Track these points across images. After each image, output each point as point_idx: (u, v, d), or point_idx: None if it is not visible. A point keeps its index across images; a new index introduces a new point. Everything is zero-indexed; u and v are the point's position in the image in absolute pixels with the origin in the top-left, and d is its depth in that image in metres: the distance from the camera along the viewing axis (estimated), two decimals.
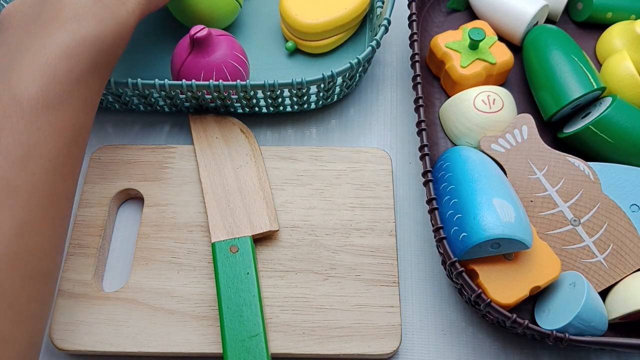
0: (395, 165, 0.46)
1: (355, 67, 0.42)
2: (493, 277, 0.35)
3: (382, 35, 0.44)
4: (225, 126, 0.45)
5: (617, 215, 0.39)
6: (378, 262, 0.40)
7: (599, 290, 0.37)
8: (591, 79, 0.41)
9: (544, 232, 0.39)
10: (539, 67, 0.44)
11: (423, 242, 0.42)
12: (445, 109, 0.44)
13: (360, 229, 0.41)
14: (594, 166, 0.40)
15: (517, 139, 0.41)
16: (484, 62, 0.44)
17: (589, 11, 0.48)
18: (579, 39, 0.48)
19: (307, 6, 0.47)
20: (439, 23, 0.50)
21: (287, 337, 0.37)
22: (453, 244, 0.35)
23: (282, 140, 0.47)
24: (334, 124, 0.48)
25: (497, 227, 0.34)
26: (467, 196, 0.36)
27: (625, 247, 0.38)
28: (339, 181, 0.43)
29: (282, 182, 0.43)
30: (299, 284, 0.39)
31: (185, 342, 0.37)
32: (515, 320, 0.33)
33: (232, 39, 0.45)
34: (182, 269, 0.39)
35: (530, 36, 0.46)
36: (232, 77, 0.43)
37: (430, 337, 0.39)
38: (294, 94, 0.44)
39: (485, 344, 0.39)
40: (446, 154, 0.41)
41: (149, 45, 0.51)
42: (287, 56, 0.50)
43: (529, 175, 0.40)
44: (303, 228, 0.41)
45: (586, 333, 0.34)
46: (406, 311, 0.40)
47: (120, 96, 0.44)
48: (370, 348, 0.37)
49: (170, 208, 0.41)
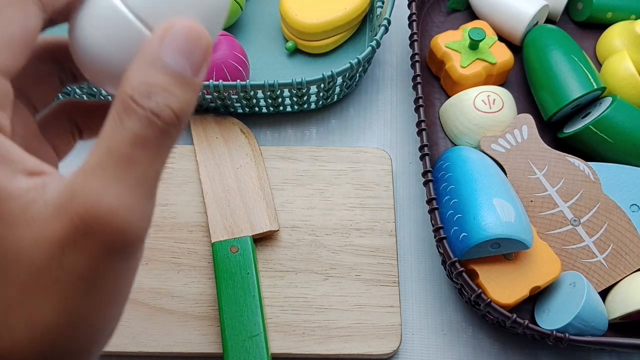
0: (395, 165, 0.46)
1: (355, 67, 0.42)
2: (493, 277, 0.35)
3: (382, 35, 0.44)
4: (225, 126, 0.45)
5: (617, 215, 0.39)
6: (378, 262, 0.40)
7: (599, 290, 0.37)
8: (591, 79, 0.41)
9: (544, 232, 0.39)
10: (539, 67, 0.44)
11: (423, 242, 0.42)
12: (445, 109, 0.44)
13: (360, 229, 0.41)
14: (594, 166, 0.40)
15: (517, 139, 0.41)
16: (484, 62, 0.44)
17: (589, 11, 0.48)
18: (579, 39, 0.48)
19: (307, 6, 0.47)
20: (439, 23, 0.50)
21: (287, 337, 0.37)
22: (453, 244, 0.35)
23: (282, 140, 0.47)
24: (334, 124, 0.48)
25: (497, 227, 0.34)
26: (467, 196, 0.36)
27: (625, 247, 0.38)
28: (339, 181, 0.43)
29: (282, 182, 0.43)
30: (299, 284, 0.39)
31: (185, 342, 0.37)
32: (515, 320, 0.33)
33: (232, 39, 0.45)
34: (182, 269, 0.39)
35: (530, 36, 0.46)
36: (232, 77, 0.43)
37: (430, 337, 0.39)
38: (294, 94, 0.44)
39: (485, 344, 0.39)
40: (446, 154, 0.41)
41: None
42: (287, 56, 0.50)
43: (529, 175, 0.40)
44: (303, 228, 0.41)
45: (586, 333, 0.34)
46: (406, 311, 0.40)
47: None
48: (370, 348, 0.37)
49: (170, 208, 0.41)
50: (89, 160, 0.19)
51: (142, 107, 0.19)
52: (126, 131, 0.19)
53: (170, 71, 0.20)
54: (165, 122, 0.20)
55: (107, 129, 0.19)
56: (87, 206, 0.18)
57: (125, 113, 0.19)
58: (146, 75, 0.19)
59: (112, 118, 0.19)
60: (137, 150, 0.19)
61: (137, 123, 0.19)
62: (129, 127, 0.19)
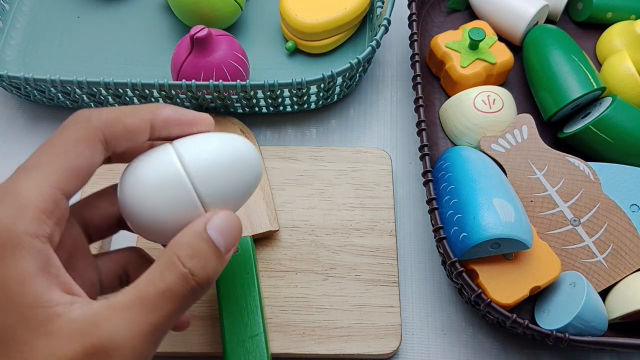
0: (395, 165, 0.46)
1: (355, 67, 0.42)
2: (493, 277, 0.35)
3: (382, 35, 0.44)
4: (226, 126, 0.45)
5: (617, 215, 0.39)
6: (378, 262, 0.40)
7: (599, 290, 0.37)
8: (591, 79, 0.41)
9: (544, 232, 0.39)
10: (539, 67, 0.44)
11: (423, 242, 0.42)
12: (445, 109, 0.44)
13: (360, 229, 0.41)
14: (594, 166, 0.40)
15: (517, 139, 0.41)
16: (484, 62, 0.44)
17: (589, 11, 0.48)
18: (579, 39, 0.48)
19: (307, 6, 0.47)
20: (439, 23, 0.50)
21: (287, 337, 0.37)
22: (453, 244, 0.35)
23: (282, 140, 0.47)
24: (334, 124, 0.48)
25: (497, 227, 0.34)
26: (467, 196, 0.36)
27: (625, 247, 0.38)
28: (339, 181, 0.43)
29: (282, 182, 0.43)
30: (299, 284, 0.39)
31: (185, 342, 0.37)
32: (515, 320, 0.33)
33: (232, 39, 0.45)
34: None
35: (530, 36, 0.46)
36: (232, 77, 0.43)
37: (430, 337, 0.39)
38: (294, 94, 0.44)
39: (485, 344, 0.39)
40: (446, 154, 0.41)
41: (149, 45, 0.51)
42: (287, 56, 0.50)
43: (529, 175, 0.40)
44: (303, 228, 0.41)
45: (586, 333, 0.34)
46: (406, 311, 0.40)
47: (120, 96, 0.44)
48: (370, 348, 0.37)
49: None
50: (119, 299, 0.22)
51: (184, 265, 0.23)
52: (163, 283, 0.23)
53: (211, 244, 0.25)
54: (197, 282, 0.24)
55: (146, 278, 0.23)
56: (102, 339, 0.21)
57: (168, 268, 0.23)
58: (193, 242, 0.24)
59: (154, 270, 0.23)
60: (164, 302, 0.23)
61: (175, 278, 0.23)
62: (166, 279, 0.23)
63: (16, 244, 0.21)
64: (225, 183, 0.26)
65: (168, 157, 0.26)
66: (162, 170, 0.26)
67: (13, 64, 0.49)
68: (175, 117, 0.27)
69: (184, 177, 0.25)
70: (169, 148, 0.26)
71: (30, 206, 0.22)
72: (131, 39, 0.51)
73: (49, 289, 0.22)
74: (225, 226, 0.26)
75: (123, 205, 0.26)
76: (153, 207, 0.26)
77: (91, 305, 0.22)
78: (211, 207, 0.26)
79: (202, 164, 0.26)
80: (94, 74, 0.49)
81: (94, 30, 0.52)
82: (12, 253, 0.21)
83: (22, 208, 0.22)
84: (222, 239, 0.25)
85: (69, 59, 0.50)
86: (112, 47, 0.50)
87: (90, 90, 0.43)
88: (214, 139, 0.27)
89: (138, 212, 0.26)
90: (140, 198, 0.26)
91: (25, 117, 0.48)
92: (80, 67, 0.49)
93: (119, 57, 0.50)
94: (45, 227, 0.22)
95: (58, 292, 0.22)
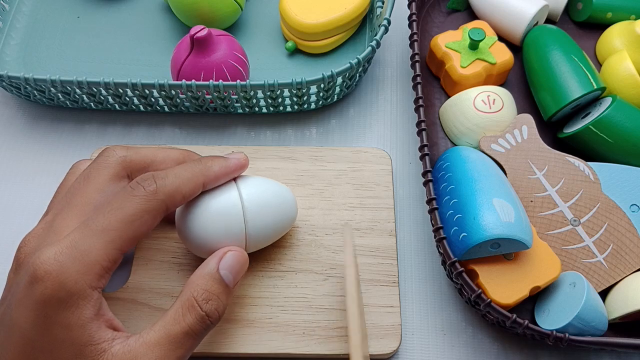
0: (395, 165, 0.46)
1: (355, 67, 0.42)
2: (493, 277, 0.35)
3: (382, 35, 0.44)
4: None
5: (617, 215, 0.39)
6: (378, 262, 0.40)
7: (599, 290, 0.37)
8: (591, 79, 0.41)
9: (544, 232, 0.39)
10: (539, 67, 0.44)
11: (423, 242, 0.42)
12: (445, 109, 0.44)
13: (360, 229, 0.41)
14: (594, 166, 0.40)
15: (517, 139, 0.41)
16: (484, 62, 0.44)
17: (589, 11, 0.48)
18: (579, 39, 0.48)
19: (307, 6, 0.47)
20: (439, 23, 0.50)
21: (287, 337, 0.37)
22: (453, 244, 0.35)
23: (282, 140, 0.47)
24: (334, 124, 0.48)
25: (497, 227, 0.34)
26: (467, 196, 0.36)
27: (625, 247, 0.38)
28: (339, 181, 0.43)
29: (282, 182, 0.43)
30: (299, 284, 0.39)
31: None
32: (515, 320, 0.33)
33: (232, 39, 0.45)
34: (182, 269, 0.39)
35: (530, 36, 0.46)
36: (232, 77, 0.43)
37: (430, 337, 0.39)
38: (294, 94, 0.44)
39: (485, 344, 0.39)
40: (446, 154, 0.41)
41: (149, 45, 0.51)
42: (287, 56, 0.50)
43: (529, 175, 0.40)
44: (303, 228, 0.41)
45: (586, 333, 0.34)
46: (406, 311, 0.40)
47: (120, 96, 0.44)
48: (370, 348, 0.37)
49: None
50: (151, 336, 0.28)
51: (201, 308, 0.29)
52: (185, 324, 0.29)
53: (222, 282, 0.31)
54: (211, 322, 0.30)
55: (171, 317, 0.29)
56: None
57: (189, 310, 0.29)
58: (207, 284, 0.30)
59: (177, 310, 0.29)
60: (187, 339, 0.29)
61: (194, 319, 0.29)
62: (188, 321, 0.29)
63: (81, 295, 0.27)
64: (266, 222, 0.34)
65: (234, 193, 0.33)
66: (226, 205, 0.33)
67: (13, 64, 0.49)
68: (222, 172, 0.33)
69: (241, 211, 0.33)
70: (234, 187, 0.34)
71: (97, 266, 0.27)
72: (131, 39, 0.51)
73: (99, 329, 0.27)
74: (236, 263, 0.32)
75: (184, 227, 0.33)
76: (213, 231, 0.32)
77: (128, 341, 0.28)
78: (250, 237, 0.34)
79: (256, 204, 0.34)
80: (94, 74, 0.49)
81: (94, 30, 0.52)
82: (76, 302, 0.26)
83: (90, 266, 0.27)
84: (231, 276, 0.31)
85: (69, 59, 0.50)
86: (112, 47, 0.50)
87: (90, 90, 0.43)
88: (268, 186, 0.35)
89: (198, 233, 0.32)
90: (205, 222, 0.32)
91: (25, 117, 0.48)
92: (80, 67, 0.49)
93: (119, 57, 0.50)
94: (104, 281, 0.28)
95: (105, 329, 0.27)
